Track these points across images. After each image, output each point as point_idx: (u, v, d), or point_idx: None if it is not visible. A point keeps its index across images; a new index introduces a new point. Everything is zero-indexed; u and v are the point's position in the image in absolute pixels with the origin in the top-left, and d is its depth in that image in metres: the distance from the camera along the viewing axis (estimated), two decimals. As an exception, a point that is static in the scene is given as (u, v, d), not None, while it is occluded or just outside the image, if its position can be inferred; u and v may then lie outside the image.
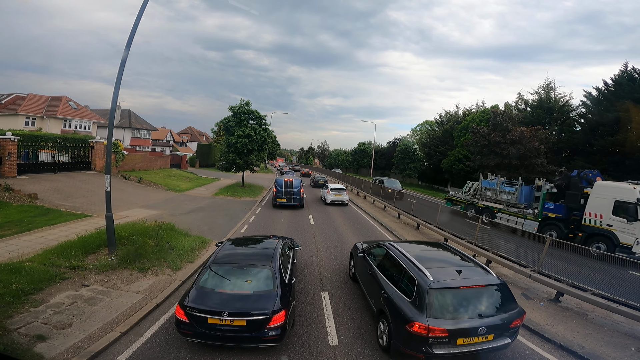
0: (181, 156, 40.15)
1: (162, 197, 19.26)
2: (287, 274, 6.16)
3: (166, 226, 11.20)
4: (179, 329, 5.14)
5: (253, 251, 6.87)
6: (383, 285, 6.10)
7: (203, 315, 4.91)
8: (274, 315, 4.92)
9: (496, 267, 10.63)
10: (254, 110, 25.83)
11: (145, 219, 13.41)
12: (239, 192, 23.48)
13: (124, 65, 8.55)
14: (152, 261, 8.63)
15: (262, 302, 5.11)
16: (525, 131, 23.33)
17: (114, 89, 8.57)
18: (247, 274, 5.74)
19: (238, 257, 6.29)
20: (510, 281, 9.76)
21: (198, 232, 12.20)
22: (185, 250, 9.57)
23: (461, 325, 4.79)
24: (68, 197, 15.62)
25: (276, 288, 5.39)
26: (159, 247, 9.29)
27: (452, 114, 48.44)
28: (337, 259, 10.62)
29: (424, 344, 4.73)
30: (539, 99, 31.38)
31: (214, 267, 5.79)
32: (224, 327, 4.90)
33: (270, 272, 5.68)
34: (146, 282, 7.84)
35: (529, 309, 7.99)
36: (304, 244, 11.63)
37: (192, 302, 5.08)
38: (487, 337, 4.90)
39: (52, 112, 35.65)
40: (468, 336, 4.80)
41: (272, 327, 4.92)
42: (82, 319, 6.09)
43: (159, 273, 8.30)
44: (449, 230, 13.28)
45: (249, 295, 5.27)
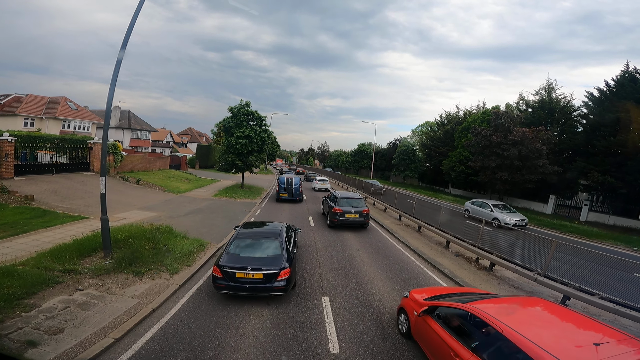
0: (181, 157, 39.98)
1: (160, 198, 19.07)
2: (290, 246, 8.09)
3: (163, 228, 11.02)
4: (215, 283, 7.00)
5: (265, 229, 8.78)
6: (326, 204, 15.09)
7: (233, 270, 6.86)
8: (281, 271, 6.93)
9: (500, 270, 10.47)
10: (253, 111, 25.66)
11: (142, 221, 13.22)
12: (239, 194, 23.31)
13: (119, 66, 8.41)
14: (148, 265, 8.44)
15: (273, 262, 7.13)
16: (527, 132, 23.17)
17: (109, 90, 8.42)
18: (262, 244, 7.76)
19: (255, 233, 8.31)
20: (514, 284, 9.60)
21: (196, 234, 12.01)
22: (182, 254, 9.38)
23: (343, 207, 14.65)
24: (65, 199, 15.44)
25: (283, 254, 7.42)
26: (156, 250, 9.11)
27: (452, 114, 48.21)
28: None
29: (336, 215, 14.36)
30: (541, 99, 31.20)
31: (237, 240, 7.82)
32: (248, 280, 6.84)
33: (278, 243, 7.74)
34: (142, 286, 7.65)
35: None
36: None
37: (224, 262, 7.02)
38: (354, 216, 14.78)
39: (51, 112, 35.50)
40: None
41: (280, 280, 6.90)
42: (74, 325, 5.91)
43: (156, 277, 8.11)
44: (451, 232, 13.10)
45: (264, 258, 7.32)
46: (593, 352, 3.26)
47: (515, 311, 4.44)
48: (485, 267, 10.73)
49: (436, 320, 4.94)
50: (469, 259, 11.55)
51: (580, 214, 27.71)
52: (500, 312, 4.17)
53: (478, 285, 9.12)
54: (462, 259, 11.68)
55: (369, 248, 12.40)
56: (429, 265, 10.77)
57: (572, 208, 29.74)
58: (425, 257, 11.47)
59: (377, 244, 13.16)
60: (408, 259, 11.48)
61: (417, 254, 11.97)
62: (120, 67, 8.40)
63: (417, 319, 5.40)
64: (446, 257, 11.82)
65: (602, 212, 26.91)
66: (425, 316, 5.19)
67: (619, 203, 25.52)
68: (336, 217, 14.69)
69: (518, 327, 3.67)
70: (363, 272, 9.72)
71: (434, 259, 11.36)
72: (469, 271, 10.42)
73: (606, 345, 3.36)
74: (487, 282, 9.63)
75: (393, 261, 10.97)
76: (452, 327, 4.57)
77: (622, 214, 25.17)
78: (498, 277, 10.11)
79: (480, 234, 11.18)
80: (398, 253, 12.10)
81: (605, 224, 25.38)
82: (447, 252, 12.47)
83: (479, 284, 9.35)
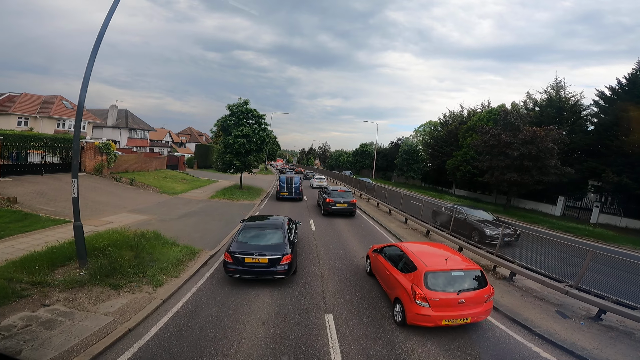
0: (178, 157, 39.06)
1: (154, 200, 18.13)
2: (292, 236, 9.07)
3: (150, 234, 10.08)
4: (226, 268, 7.86)
5: (269, 222, 9.64)
6: (320, 196, 19.75)
7: (242, 256, 7.73)
8: (283, 257, 7.82)
9: (522, 280, 9.49)
10: (252, 110, 24.69)
11: (130, 225, 12.30)
12: (237, 195, 22.33)
13: (92, 64, 7.61)
14: (128, 276, 7.49)
15: (277, 249, 8.01)
16: (538, 131, 22.16)
17: (81, 87, 7.63)
18: (266, 234, 8.64)
19: (260, 225, 9.24)
20: (539, 295, 8.63)
21: (188, 240, 11.06)
22: (169, 263, 8.42)
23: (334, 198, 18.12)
24: (51, 201, 14.50)
25: (285, 242, 8.31)
26: (139, 259, 8.16)
27: (456, 114, 47.18)
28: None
29: (329, 205, 17.60)
30: (549, 97, 30.20)
31: (245, 231, 8.73)
32: (255, 264, 7.71)
33: (281, 233, 8.64)
34: (119, 301, 6.70)
35: (569, 330, 6.93)
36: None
37: (235, 249, 7.89)
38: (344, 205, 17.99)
39: (46, 111, 34.63)
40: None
41: (282, 264, 7.78)
42: (33, 346, 5.02)
43: (136, 290, 7.16)
44: (465, 238, 12.10)
45: (269, 245, 8.18)
46: (444, 261, 6.62)
47: (419, 248, 7.74)
48: (504, 276, 9.75)
49: (382, 256, 8.28)
50: (485, 267, 10.57)
51: (591, 216, 26.79)
52: (412, 248, 7.49)
53: (500, 298, 8.17)
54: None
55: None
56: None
57: (582, 210, 28.84)
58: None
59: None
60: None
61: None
62: (92, 66, 7.61)
63: (373, 258, 8.83)
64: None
65: (613, 213, 26.01)
66: (377, 254, 8.60)
67: (631, 205, 24.57)
68: (329, 207, 17.80)
69: (414, 252, 7.10)
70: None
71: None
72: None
73: (450, 259, 6.80)
74: (509, 293, 8.65)
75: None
76: (391, 259, 7.79)
77: (635, 215, 24.25)
78: (520, 287, 9.13)
79: (499, 242, 10.16)
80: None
81: (617, 226, 24.46)
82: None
83: (501, 295, 8.39)
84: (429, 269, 6.30)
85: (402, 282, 6.65)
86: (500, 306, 7.74)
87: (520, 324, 7.04)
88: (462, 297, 6.05)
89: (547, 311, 7.77)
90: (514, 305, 7.92)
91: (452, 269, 6.39)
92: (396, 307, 6.68)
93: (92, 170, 20.90)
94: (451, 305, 6.00)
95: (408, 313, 6.18)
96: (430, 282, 6.15)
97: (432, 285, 6.13)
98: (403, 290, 6.47)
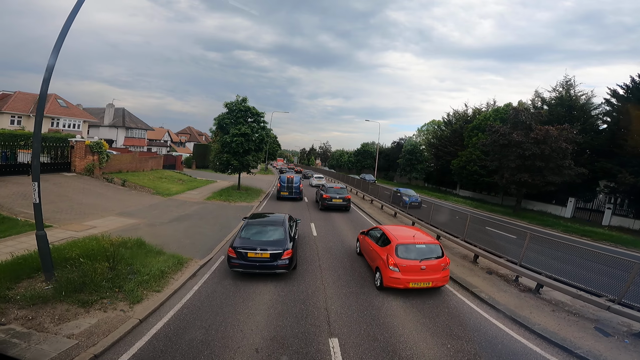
0: (176, 157, 38.06)
1: (145, 202, 17.14)
2: (292, 233, 9.26)
3: (132, 242, 9.07)
4: (230, 263, 8.06)
5: (271, 219, 9.88)
6: (318, 193, 21.86)
7: (245, 251, 7.93)
8: (284, 252, 8.00)
9: (548, 292, 8.47)
10: (251, 107, 23.67)
11: (115, 230, 11.31)
12: (234, 197, 21.29)
13: (56, 54, 6.70)
14: (101, 291, 6.50)
15: (278, 244, 8.19)
16: (551, 130, 21.11)
17: (43, 81, 6.73)
18: (268, 230, 8.85)
19: (262, 222, 9.46)
20: (571, 310, 7.63)
21: (176, 247, 10.07)
22: (151, 276, 7.41)
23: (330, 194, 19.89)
24: (33, 203, 13.53)
25: (286, 238, 8.49)
26: (116, 271, 7.16)
27: (460, 113, 46.19)
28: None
29: (325, 200, 19.27)
30: (559, 96, 29.16)
31: (247, 227, 8.91)
32: (257, 259, 7.88)
33: (282, 229, 8.85)
34: (87, 321, 5.72)
35: (614, 349, 6.09)
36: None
37: (238, 244, 8.08)
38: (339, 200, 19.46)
39: (40, 110, 33.69)
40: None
41: (283, 259, 7.94)
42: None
43: (109, 308, 6.17)
44: (480, 244, 11.05)
45: (271, 241, 8.36)
46: (412, 237, 8.43)
47: (394, 228, 9.67)
48: (528, 288, 8.73)
49: (367, 236, 9.93)
50: (505, 278, 9.56)
51: (603, 218, 25.79)
52: (389, 228, 9.32)
53: (529, 314, 7.18)
54: (495, 277, 9.69)
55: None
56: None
57: (593, 212, 27.80)
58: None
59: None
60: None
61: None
62: (59, 51, 6.75)
63: (361, 239, 10.55)
64: (478, 276, 9.86)
65: (625, 215, 24.98)
66: (364, 236, 10.29)
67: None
68: (325, 202, 19.44)
69: (391, 231, 8.87)
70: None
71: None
72: (510, 294, 8.43)
73: (417, 235, 8.61)
74: (539, 309, 7.64)
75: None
76: (374, 238, 9.37)
77: (649, 218, 23.19)
78: (548, 301, 8.11)
79: (524, 250, 9.10)
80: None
81: (630, 228, 23.46)
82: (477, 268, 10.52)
83: (530, 311, 7.40)
84: (399, 242, 8.12)
85: (380, 253, 8.39)
86: (532, 325, 6.77)
87: (559, 346, 6.06)
88: (424, 264, 7.76)
89: (585, 329, 6.80)
90: (548, 323, 6.92)
91: (417, 243, 8.17)
92: (376, 275, 8.34)
93: (83, 170, 19.94)
94: (416, 270, 7.68)
95: (384, 277, 7.85)
96: (400, 252, 7.91)
97: (401, 254, 7.87)
98: (381, 260, 8.18)
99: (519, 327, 6.85)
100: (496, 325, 6.87)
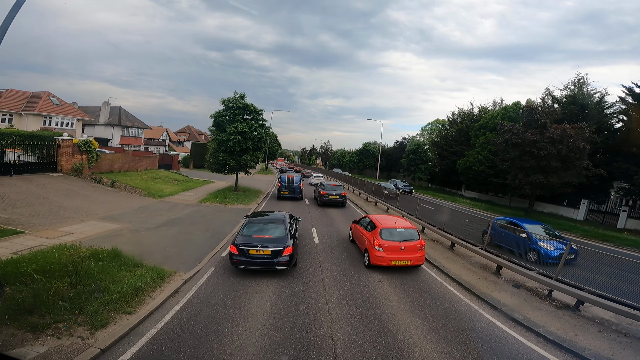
0: (172, 156, 36.89)
1: (134, 204, 15.95)
2: (292, 230, 9.54)
3: (107, 253, 7.89)
4: (232, 259, 8.40)
5: (271, 217, 10.07)
6: (316, 190, 23.39)
7: (247, 248, 8.29)
8: (285, 249, 8.41)
9: (588, 308, 7.29)
10: (249, 104, 22.47)
11: (93, 236, 10.15)
12: (230, 198, 20.06)
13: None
14: (56, 313, 5.33)
15: (279, 241, 8.58)
16: (568, 129, 19.85)
17: None
18: (269, 228, 9.11)
19: (263, 220, 9.69)
20: (620, 329, 6.57)
21: (160, 258, 8.89)
22: (123, 294, 6.23)
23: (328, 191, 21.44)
24: (9, 207, 12.36)
25: (287, 235, 8.86)
26: (79, 289, 5.99)
27: (466, 112, 44.87)
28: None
29: (322, 197, 21.05)
30: (572, 94, 27.87)
31: (249, 226, 9.17)
32: (259, 256, 8.26)
33: (283, 227, 9.15)
34: (34, 349, 4.58)
35: None
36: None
37: (240, 242, 8.44)
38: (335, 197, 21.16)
39: (31, 108, 32.59)
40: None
41: (284, 256, 8.34)
42: None
43: (64, 334, 5.01)
44: (503, 252, 9.86)
45: (272, 238, 8.72)
46: (394, 223, 10.05)
47: (380, 216, 11.53)
48: (566, 304, 7.54)
49: (359, 225, 11.44)
50: (536, 292, 8.35)
51: (617, 221, 24.58)
52: (376, 217, 10.92)
53: (574, 337, 5.98)
54: (524, 291, 8.49)
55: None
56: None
57: (607, 214, 26.61)
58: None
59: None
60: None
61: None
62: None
63: (353, 227, 12.16)
64: (504, 291, 8.64)
65: (641, 218, 23.76)
66: (356, 224, 11.90)
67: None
68: (323, 198, 21.04)
69: (376, 218, 10.50)
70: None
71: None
72: (546, 313, 7.24)
73: (398, 221, 10.26)
74: (583, 329, 6.53)
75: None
76: (363, 225, 10.93)
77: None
78: (591, 319, 7.00)
79: (562, 262, 7.87)
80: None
81: (648, 232, 22.22)
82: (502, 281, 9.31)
83: (574, 333, 6.29)
84: (383, 227, 9.58)
85: (368, 237, 9.85)
86: (582, 350, 5.72)
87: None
88: (403, 245, 9.12)
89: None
90: (599, 347, 5.87)
91: (397, 227, 9.64)
92: (365, 256, 9.75)
93: (70, 170, 18.79)
94: (396, 250, 9.04)
95: (371, 256, 9.23)
96: (383, 235, 9.32)
97: (384, 237, 9.28)
98: (368, 242, 9.58)
99: (565, 353, 5.76)
100: (537, 352, 5.77)
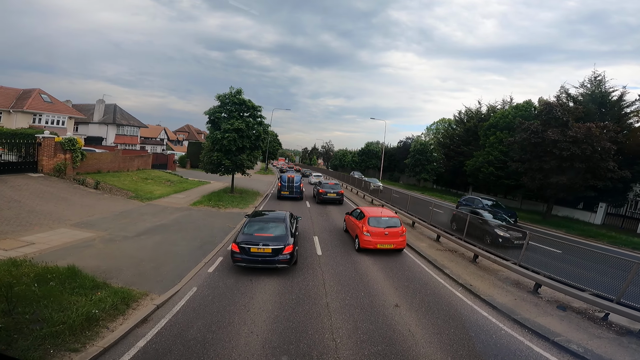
0: (167, 155, 35.39)
1: (116, 208, 14.44)
2: (293, 229, 9.72)
3: (62, 271, 6.40)
4: (233, 257, 8.44)
5: (272, 216, 10.32)
6: (315, 188, 25.33)
7: (248, 246, 8.35)
8: (285, 247, 8.50)
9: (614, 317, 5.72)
10: (246, 100, 20.96)
11: (55, 248, 8.63)
12: (225, 201, 18.49)
13: None
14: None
15: (279, 240, 8.69)
16: (592, 127, 18.30)
17: None
18: (270, 227, 9.29)
19: (263, 219, 9.93)
20: None
21: (131, 276, 7.39)
22: (68, 325, 4.73)
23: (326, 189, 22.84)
24: (-29, 211, 10.92)
25: (287, 233, 9.00)
26: (11, 318, 4.52)
27: (473, 111, 43.24)
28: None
29: (321, 195, 22.37)
30: (591, 92, 26.30)
31: (250, 224, 9.35)
32: (259, 254, 8.35)
33: (283, 226, 9.34)
34: None
35: None
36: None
37: (241, 240, 8.49)
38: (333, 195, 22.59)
39: (21, 105, 31.20)
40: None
41: (284, 254, 8.44)
42: None
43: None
44: (539, 267, 8.34)
45: (272, 237, 8.81)
46: (380, 212, 12.04)
47: (369, 207, 14.24)
48: (628, 329, 6.03)
49: (351, 215, 12.93)
50: (584, 313, 6.81)
51: (638, 226, 23.04)
52: (365, 208, 12.81)
53: (603, 351, 4.48)
54: (573, 314, 6.94)
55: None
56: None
57: (627, 218, 25.06)
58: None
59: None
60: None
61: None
62: None
63: (347, 218, 13.69)
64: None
65: (662, 223, 22.20)
66: (349, 216, 13.37)
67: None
68: (321, 196, 22.17)
69: (365, 209, 12.40)
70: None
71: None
72: (607, 341, 5.69)
73: (383, 211, 12.36)
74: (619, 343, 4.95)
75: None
76: (354, 215, 12.49)
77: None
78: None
79: (628, 281, 6.28)
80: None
81: (674, 238, 20.67)
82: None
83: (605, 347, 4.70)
84: (370, 215, 11.31)
85: (358, 225, 11.52)
86: None
87: None
88: (387, 230, 10.92)
89: None
90: None
91: (382, 216, 11.46)
92: (355, 241, 11.43)
93: (52, 170, 17.33)
94: (381, 235, 10.82)
95: (360, 241, 10.96)
96: (371, 222, 11.04)
97: (371, 224, 11.00)
98: (358, 229, 11.31)
99: None
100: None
